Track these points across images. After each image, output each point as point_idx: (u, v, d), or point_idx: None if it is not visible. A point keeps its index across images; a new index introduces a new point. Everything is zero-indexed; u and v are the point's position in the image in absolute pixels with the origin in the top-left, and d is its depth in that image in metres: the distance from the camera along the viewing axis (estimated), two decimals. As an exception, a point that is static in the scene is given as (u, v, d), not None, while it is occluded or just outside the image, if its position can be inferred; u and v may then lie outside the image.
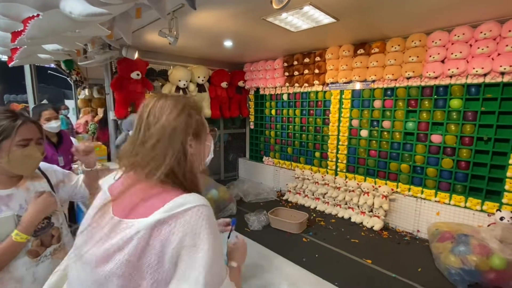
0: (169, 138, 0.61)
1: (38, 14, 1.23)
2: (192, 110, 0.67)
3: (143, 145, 0.62)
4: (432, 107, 2.91)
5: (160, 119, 0.62)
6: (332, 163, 3.96)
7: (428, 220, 2.96)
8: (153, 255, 0.53)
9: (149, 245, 0.52)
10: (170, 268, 0.54)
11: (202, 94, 4.36)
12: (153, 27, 2.70)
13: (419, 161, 3.07)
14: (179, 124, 0.63)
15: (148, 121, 0.63)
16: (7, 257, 0.91)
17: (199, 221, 0.55)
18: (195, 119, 0.66)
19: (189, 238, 0.54)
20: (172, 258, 0.53)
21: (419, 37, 2.83)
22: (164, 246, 0.53)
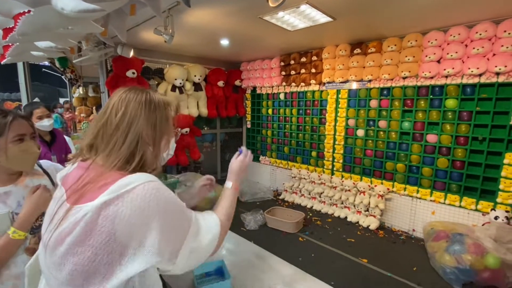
0: (127, 128, 0.65)
1: (29, 10, 1.20)
2: (156, 104, 0.70)
3: (102, 132, 0.66)
4: (428, 107, 2.92)
5: (122, 109, 0.66)
6: (328, 163, 3.96)
7: (423, 219, 2.97)
8: (103, 233, 0.55)
9: (97, 224, 0.55)
10: (122, 242, 0.56)
11: (198, 93, 4.33)
12: (148, 25, 2.67)
13: (414, 160, 3.09)
14: (139, 116, 0.67)
15: (111, 111, 0.67)
16: (5, 254, 0.91)
17: (146, 197, 0.57)
18: (158, 113, 0.70)
19: (137, 216, 0.56)
20: (123, 235, 0.55)
21: (415, 37, 2.84)
22: (114, 223, 0.55)
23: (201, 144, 4.97)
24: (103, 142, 0.66)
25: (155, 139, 0.70)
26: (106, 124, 0.66)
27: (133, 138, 0.65)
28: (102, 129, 0.66)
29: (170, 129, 0.76)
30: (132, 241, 0.57)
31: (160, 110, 0.71)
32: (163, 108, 0.72)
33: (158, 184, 0.61)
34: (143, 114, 0.67)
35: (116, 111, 0.66)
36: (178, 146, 4.13)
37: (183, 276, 1.17)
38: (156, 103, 0.70)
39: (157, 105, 0.71)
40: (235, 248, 1.41)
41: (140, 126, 0.66)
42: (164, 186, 0.63)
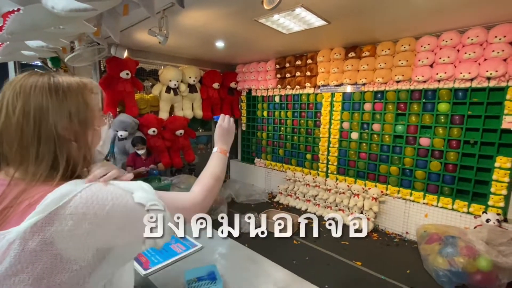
0: (35, 127, 0.52)
1: (19, 9, 1.18)
2: (66, 89, 0.56)
3: (6, 139, 0.53)
4: (421, 111, 2.96)
5: (20, 104, 0.52)
6: (323, 165, 3.97)
7: (416, 222, 2.99)
8: (44, 257, 0.46)
9: (33, 250, 0.45)
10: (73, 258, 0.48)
11: (193, 94, 4.31)
12: (143, 25, 2.65)
13: (408, 163, 3.11)
14: (47, 108, 0.53)
15: (8, 109, 0.52)
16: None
17: (88, 207, 0.48)
18: (72, 100, 0.56)
19: (84, 228, 0.48)
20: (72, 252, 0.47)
21: (408, 42, 2.88)
22: (54, 245, 0.46)
23: (196, 146, 4.93)
24: (11, 150, 0.53)
25: (76, 132, 0.57)
26: (7, 127, 0.52)
27: (48, 138, 0.53)
28: (4, 134, 0.53)
29: (94, 116, 0.61)
30: (89, 251, 0.49)
31: (73, 95, 0.57)
32: (77, 92, 0.58)
33: (95, 188, 0.51)
34: (51, 105, 0.53)
35: (13, 109, 0.52)
36: (172, 148, 4.11)
37: (173, 282, 1.15)
38: (66, 87, 0.56)
39: (67, 89, 0.56)
40: (228, 252, 1.39)
41: (51, 120, 0.53)
42: (101, 186, 0.53)
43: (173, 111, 4.22)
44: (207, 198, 0.75)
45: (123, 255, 0.57)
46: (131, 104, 3.64)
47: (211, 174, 0.81)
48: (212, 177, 0.81)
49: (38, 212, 0.46)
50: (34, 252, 0.45)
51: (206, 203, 0.75)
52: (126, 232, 0.54)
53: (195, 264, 1.23)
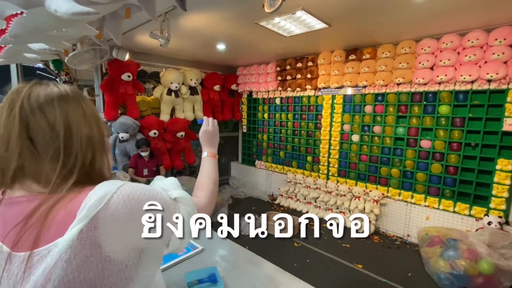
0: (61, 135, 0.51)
1: (22, 12, 1.19)
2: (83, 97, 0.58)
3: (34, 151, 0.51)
4: (422, 113, 2.96)
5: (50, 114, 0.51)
6: (323, 168, 3.97)
7: (418, 224, 2.98)
8: (94, 262, 0.46)
9: (83, 256, 0.45)
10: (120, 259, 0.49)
11: (194, 97, 4.32)
12: (145, 28, 2.67)
13: (409, 166, 3.11)
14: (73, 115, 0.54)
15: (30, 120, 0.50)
16: None
17: (126, 206, 0.49)
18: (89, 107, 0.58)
19: (126, 227, 0.49)
20: (117, 253, 0.48)
21: (409, 44, 2.89)
22: (102, 248, 0.46)
23: (196, 148, 4.94)
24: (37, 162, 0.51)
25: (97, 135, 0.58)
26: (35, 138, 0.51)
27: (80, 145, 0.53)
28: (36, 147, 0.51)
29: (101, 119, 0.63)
30: (132, 251, 0.51)
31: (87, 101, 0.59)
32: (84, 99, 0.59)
33: (129, 186, 0.52)
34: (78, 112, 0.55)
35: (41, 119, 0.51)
36: (173, 150, 4.11)
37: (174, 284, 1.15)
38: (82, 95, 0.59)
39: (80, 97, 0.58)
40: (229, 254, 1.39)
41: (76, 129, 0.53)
42: (134, 184, 0.54)
43: (174, 113, 4.24)
44: (211, 200, 0.79)
45: (156, 254, 0.58)
46: (133, 106, 3.66)
47: (209, 178, 0.83)
48: (211, 180, 0.83)
49: (81, 218, 0.46)
50: (85, 258, 0.45)
51: (212, 205, 0.78)
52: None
53: (196, 266, 1.23)
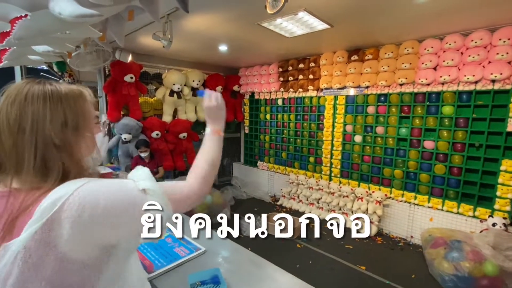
0: (29, 135, 0.52)
1: (26, 14, 1.20)
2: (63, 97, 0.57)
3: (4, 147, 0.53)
4: (425, 114, 2.94)
5: (15, 111, 0.53)
6: (326, 168, 3.96)
7: (421, 226, 2.96)
8: (52, 261, 0.47)
9: (39, 256, 0.46)
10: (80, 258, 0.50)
11: (196, 98, 4.33)
12: (147, 30, 2.68)
13: (412, 167, 3.09)
14: (42, 116, 0.53)
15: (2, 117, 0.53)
16: None
17: (81, 209, 0.48)
18: (67, 108, 0.57)
19: (82, 230, 0.48)
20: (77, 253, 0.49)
21: (411, 44, 2.87)
22: (58, 248, 0.47)
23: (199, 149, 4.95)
24: (7, 158, 0.53)
25: (70, 141, 0.56)
26: (2, 134, 0.53)
27: (40, 146, 0.52)
28: (4, 142, 0.53)
29: (88, 123, 0.61)
30: (96, 249, 0.52)
31: (69, 103, 0.57)
32: (73, 100, 0.58)
33: (89, 186, 0.51)
34: (47, 113, 0.54)
35: (7, 116, 0.53)
36: (175, 150, 4.12)
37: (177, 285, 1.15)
38: (62, 95, 0.57)
39: (64, 97, 0.57)
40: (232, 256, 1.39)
41: (45, 128, 0.53)
42: (97, 182, 0.53)
43: (177, 114, 4.25)
44: (202, 186, 0.72)
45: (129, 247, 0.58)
46: (135, 107, 3.67)
47: (205, 160, 0.76)
48: (207, 163, 0.75)
49: (36, 220, 0.46)
50: (40, 258, 0.46)
51: (202, 192, 0.72)
52: (127, 224, 0.54)
53: (199, 268, 1.23)
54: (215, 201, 3.66)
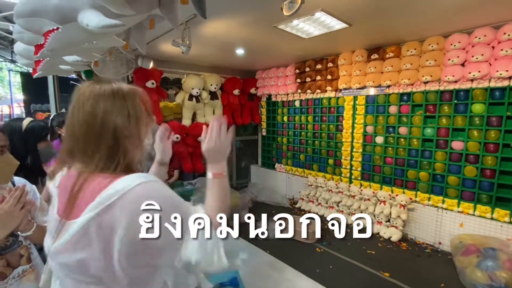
0: (101, 125, 0.61)
1: (58, 27, 1.28)
2: (126, 94, 0.66)
3: (77, 135, 0.62)
4: (453, 112, 2.78)
5: (91, 106, 0.61)
6: (346, 171, 3.85)
7: (450, 231, 2.79)
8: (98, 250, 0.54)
9: (96, 234, 0.54)
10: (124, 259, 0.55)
11: (214, 101, 4.40)
12: (167, 37, 2.78)
13: (439, 168, 2.93)
14: (111, 109, 0.62)
15: (79, 111, 0.62)
16: None
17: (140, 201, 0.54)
18: (130, 103, 0.65)
19: (132, 227, 0.54)
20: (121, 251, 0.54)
21: (436, 40, 2.74)
22: (113, 231, 0.53)
23: (217, 151, 5.01)
24: (79, 145, 0.62)
25: (133, 133, 0.65)
26: (78, 126, 0.62)
27: (110, 134, 0.61)
28: (75, 132, 0.62)
29: (145, 118, 0.70)
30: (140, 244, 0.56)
31: (131, 99, 0.66)
32: (134, 96, 0.67)
33: (148, 185, 0.57)
34: (115, 107, 0.62)
35: (83, 110, 0.62)
36: (194, 153, 4.21)
37: (197, 286, 1.16)
38: (125, 93, 0.66)
39: (127, 94, 0.66)
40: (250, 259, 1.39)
41: (114, 121, 0.61)
42: (159, 184, 0.59)
43: (195, 118, 4.34)
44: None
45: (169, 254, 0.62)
46: (156, 112, 3.80)
47: (214, 209, 0.71)
48: (216, 211, 0.71)
49: (99, 202, 0.54)
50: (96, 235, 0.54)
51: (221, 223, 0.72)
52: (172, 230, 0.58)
53: (218, 270, 1.24)
54: (234, 202, 3.69)
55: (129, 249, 0.54)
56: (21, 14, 1.31)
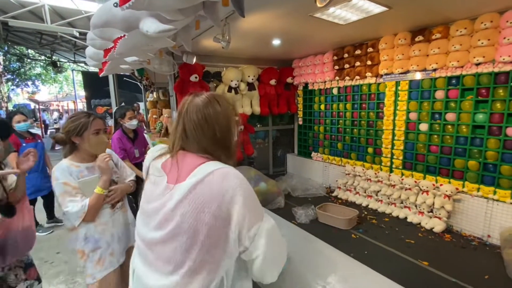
0: (203, 125, 0.80)
1: (125, 35, 1.55)
2: (222, 103, 0.84)
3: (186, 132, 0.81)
4: (508, 96, 2.53)
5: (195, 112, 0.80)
6: (386, 159, 3.75)
7: (501, 224, 2.60)
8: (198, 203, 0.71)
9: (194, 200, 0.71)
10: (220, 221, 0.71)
11: (252, 92, 4.58)
12: (208, 33, 3.00)
13: (491, 157, 2.71)
14: (216, 114, 0.81)
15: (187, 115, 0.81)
16: (97, 205, 1.33)
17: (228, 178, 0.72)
18: (226, 109, 0.84)
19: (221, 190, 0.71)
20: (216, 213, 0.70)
21: (490, 18, 2.49)
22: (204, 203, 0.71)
23: (254, 140, 5.23)
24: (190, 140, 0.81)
25: (225, 136, 0.83)
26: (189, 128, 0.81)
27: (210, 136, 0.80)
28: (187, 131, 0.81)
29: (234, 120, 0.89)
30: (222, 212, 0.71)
31: (226, 106, 0.84)
32: (227, 104, 0.86)
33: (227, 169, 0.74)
34: (217, 115, 0.82)
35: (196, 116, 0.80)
36: (234, 142, 4.47)
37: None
38: (223, 101, 0.85)
39: (222, 103, 0.84)
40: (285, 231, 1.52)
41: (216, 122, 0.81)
42: (232, 170, 0.75)
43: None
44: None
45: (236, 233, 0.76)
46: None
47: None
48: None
49: (195, 174, 0.74)
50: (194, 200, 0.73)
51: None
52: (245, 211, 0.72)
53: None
54: (270, 189, 3.87)
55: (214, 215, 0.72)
56: (96, 25, 1.61)
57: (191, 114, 0.80)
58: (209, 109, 0.81)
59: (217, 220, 0.71)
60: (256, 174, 3.94)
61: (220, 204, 0.70)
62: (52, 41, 5.96)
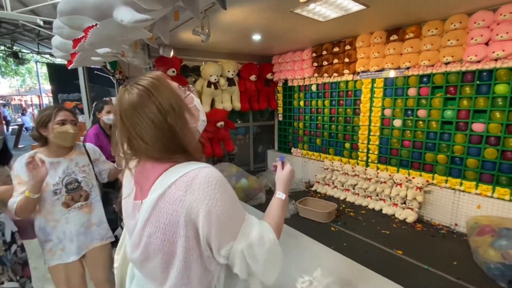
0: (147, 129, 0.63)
1: (96, 24, 1.44)
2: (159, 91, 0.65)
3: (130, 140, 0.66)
4: (474, 94, 2.72)
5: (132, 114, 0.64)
6: (363, 154, 3.89)
7: (467, 213, 2.81)
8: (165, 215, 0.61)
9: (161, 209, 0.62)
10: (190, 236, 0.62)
11: (232, 87, 4.51)
12: (186, 26, 2.89)
13: (458, 151, 2.90)
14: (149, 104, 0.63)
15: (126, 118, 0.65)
16: (27, 207, 1.27)
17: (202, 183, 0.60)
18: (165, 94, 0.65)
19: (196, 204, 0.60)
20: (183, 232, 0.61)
21: (459, 19, 2.64)
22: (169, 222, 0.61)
23: (235, 136, 5.18)
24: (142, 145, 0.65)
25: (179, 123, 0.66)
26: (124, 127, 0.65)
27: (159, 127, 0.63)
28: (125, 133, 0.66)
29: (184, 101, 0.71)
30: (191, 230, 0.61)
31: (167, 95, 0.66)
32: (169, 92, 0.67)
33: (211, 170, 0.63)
34: (152, 101, 0.63)
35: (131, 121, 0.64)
36: (214, 139, 4.40)
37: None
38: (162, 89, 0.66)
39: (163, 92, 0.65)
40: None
41: (155, 113, 0.63)
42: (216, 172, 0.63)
43: (214, 105, 4.49)
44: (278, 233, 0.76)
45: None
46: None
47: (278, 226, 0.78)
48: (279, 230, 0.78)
49: (155, 189, 0.63)
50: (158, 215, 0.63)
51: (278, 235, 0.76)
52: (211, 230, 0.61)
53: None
54: (251, 185, 3.87)
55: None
56: (63, 12, 1.47)
57: (130, 118, 0.64)
58: (149, 107, 0.63)
59: (189, 240, 0.61)
60: (237, 171, 3.91)
61: (187, 222, 0.60)
62: (12, 30, 5.43)
